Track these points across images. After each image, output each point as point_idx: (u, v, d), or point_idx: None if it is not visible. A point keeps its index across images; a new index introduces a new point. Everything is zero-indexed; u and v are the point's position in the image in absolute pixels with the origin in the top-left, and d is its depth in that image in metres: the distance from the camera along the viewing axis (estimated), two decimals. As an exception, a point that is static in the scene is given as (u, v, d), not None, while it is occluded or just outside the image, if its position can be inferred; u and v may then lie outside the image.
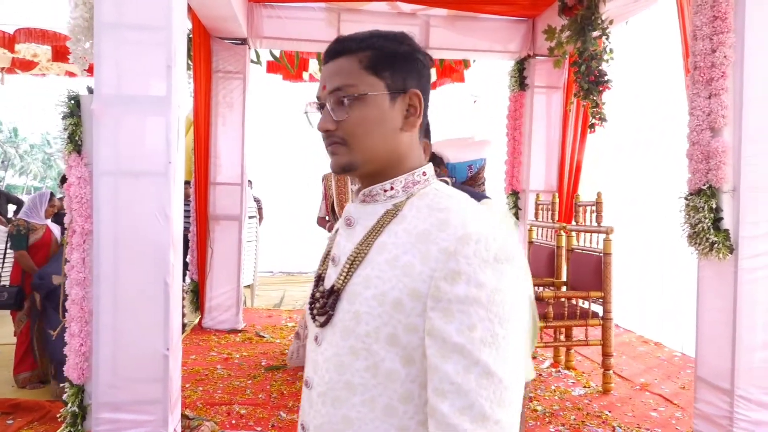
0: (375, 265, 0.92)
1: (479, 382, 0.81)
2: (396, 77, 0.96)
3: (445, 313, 0.84)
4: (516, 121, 6.25)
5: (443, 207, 0.93)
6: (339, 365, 0.92)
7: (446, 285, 0.84)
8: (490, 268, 0.85)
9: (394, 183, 0.98)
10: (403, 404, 0.89)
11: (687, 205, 3.32)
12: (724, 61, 3.15)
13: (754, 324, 3.16)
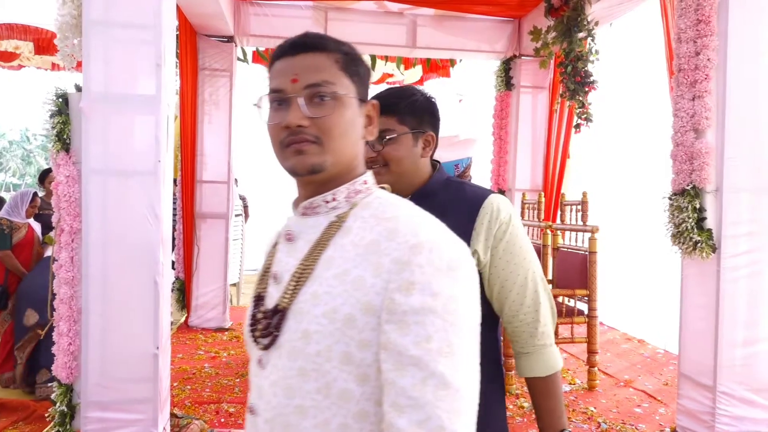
0: (323, 281, 0.88)
1: (437, 394, 0.79)
2: (360, 84, 0.96)
3: (400, 325, 0.80)
4: (502, 120, 6.30)
5: (390, 216, 0.90)
6: (287, 389, 0.88)
7: (401, 296, 0.81)
8: (445, 276, 0.83)
9: (336, 194, 0.94)
10: (358, 423, 0.85)
11: (671, 205, 3.38)
12: (707, 64, 3.21)
13: (735, 322, 3.23)
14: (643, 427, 3.59)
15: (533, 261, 1.42)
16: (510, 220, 1.40)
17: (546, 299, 1.42)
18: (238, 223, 7.31)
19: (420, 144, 1.44)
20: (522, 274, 1.39)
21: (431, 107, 1.47)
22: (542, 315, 1.41)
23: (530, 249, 1.43)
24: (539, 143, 6.16)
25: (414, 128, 1.42)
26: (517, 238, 1.40)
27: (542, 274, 1.44)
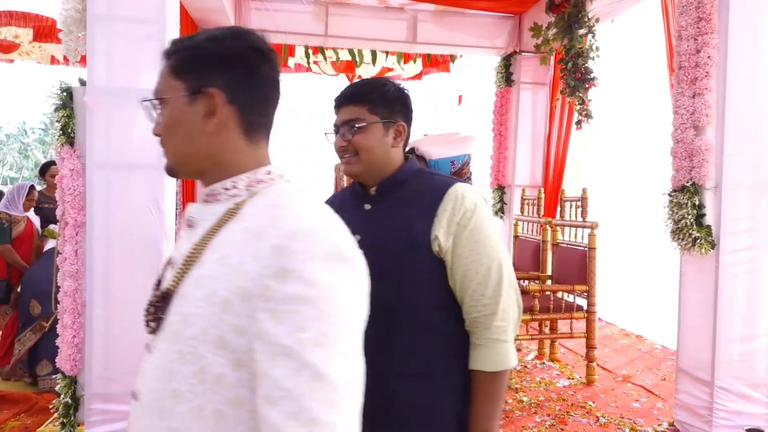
0: (208, 265, 0.87)
1: (311, 385, 0.77)
2: (193, 78, 0.93)
3: (274, 314, 0.78)
4: (502, 116, 6.32)
5: (281, 203, 0.89)
6: (166, 372, 0.86)
7: (275, 283, 0.79)
8: (322, 265, 0.80)
9: (235, 182, 0.94)
10: (233, 410, 0.83)
11: (670, 201, 3.41)
12: (708, 62, 3.23)
13: (733, 317, 3.26)
14: (641, 422, 3.62)
15: (499, 252, 1.40)
16: (476, 209, 1.38)
17: (509, 293, 1.39)
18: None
19: (391, 134, 1.46)
20: (486, 264, 1.37)
21: (403, 98, 1.48)
22: (501, 309, 1.38)
23: (497, 240, 1.41)
24: (539, 139, 6.18)
25: (385, 118, 1.44)
26: (482, 227, 1.38)
27: (510, 268, 1.42)
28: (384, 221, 1.43)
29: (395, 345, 1.39)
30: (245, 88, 0.95)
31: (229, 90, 0.93)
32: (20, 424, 3.57)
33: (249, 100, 0.95)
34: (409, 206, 1.41)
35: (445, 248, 1.37)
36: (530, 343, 5.10)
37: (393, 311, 1.38)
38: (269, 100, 0.98)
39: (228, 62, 0.94)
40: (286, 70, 7.30)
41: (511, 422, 3.59)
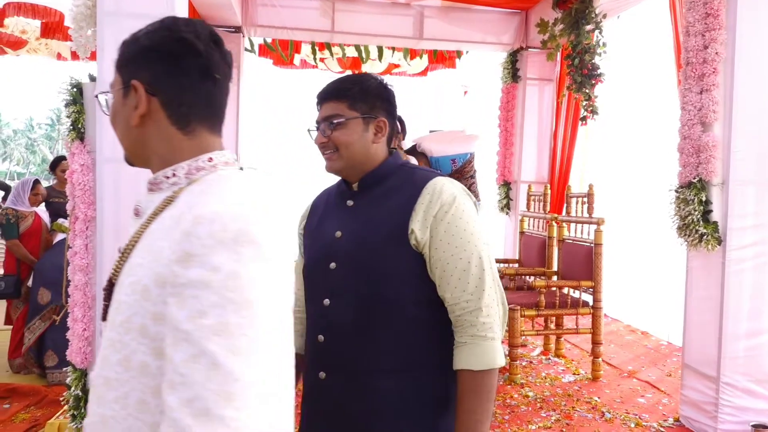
0: (139, 253, 0.88)
1: (207, 374, 0.74)
2: (125, 72, 0.95)
3: (178, 298, 0.78)
4: (508, 112, 6.32)
5: (207, 189, 0.89)
6: (102, 359, 0.87)
7: (180, 268, 0.78)
8: (227, 250, 0.78)
9: (176, 170, 0.95)
10: (155, 398, 0.82)
11: (677, 197, 3.41)
12: (715, 58, 3.23)
13: (739, 313, 3.27)
14: (646, 417, 3.64)
15: (480, 246, 1.35)
16: (454, 202, 1.35)
17: (492, 288, 1.35)
18: (244, 213, 7.35)
19: (371, 129, 1.43)
20: (465, 258, 1.33)
21: (385, 93, 1.46)
22: (485, 304, 1.32)
23: (478, 234, 1.36)
24: (545, 135, 6.18)
25: (365, 114, 1.42)
26: (460, 220, 1.34)
27: (493, 264, 1.38)
28: (364, 216, 1.42)
29: (375, 341, 1.37)
30: (169, 79, 0.94)
31: (152, 82, 0.94)
32: (30, 417, 3.62)
33: (174, 91, 0.94)
34: (389, 201, 1.40)
35: (422, 242, 1.34)
36: (536, 339, 5.11)
37: (373, 307, 1.37)
38: (200, 91, 0.96)
39: (151, 55, 0.94)
40: (291, 67, 7.32)
41: (516, 417, 3.61)
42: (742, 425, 3.24)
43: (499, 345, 1.34)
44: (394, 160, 1.48)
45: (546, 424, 3.51)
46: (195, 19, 1.00)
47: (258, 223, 0.82)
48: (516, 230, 5.70)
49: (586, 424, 3.53)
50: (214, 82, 0.97)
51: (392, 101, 1.48)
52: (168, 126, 0.95)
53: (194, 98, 0.96)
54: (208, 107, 0.98)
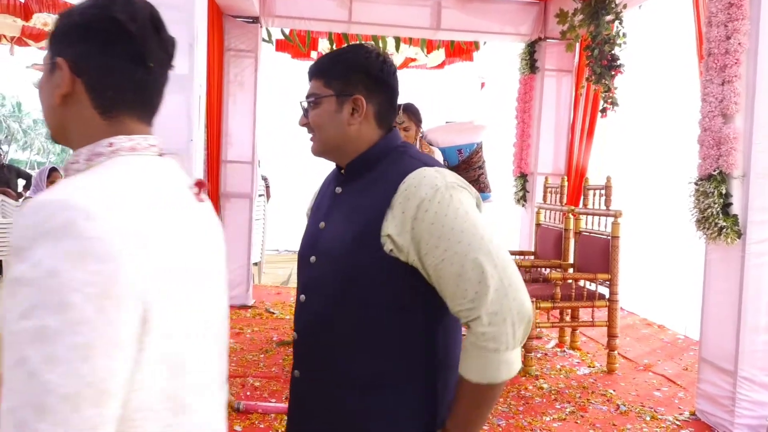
0: None
1: (25, 383, 0.68)
2: (54, 48, 0.90)
3: (9, 296, 0.71)
4: (525, 104, 6.28)
5: (84, 176, 0.82)
6: None
7: (13, 262, 0.71)
8: (48, 243, 0.70)
9: (78, 155, 0.89)
10: None
11: (697, 190, 3.38)
12: (738, 48, 3.18)
13: (759, 307, 3.23)
14: (662, 410, 3.62)
15: (475, 244, 1.14)
16: (435, 195, 1.15)
17: (500, 292, 1.13)
18: (260, 203, 7.40)
19: (346, 109, 1.28)
20: (457, 261, 1.13)
21: (367, 68, 1.29)
22: (487, 312, 1.12)
23: (473, 229, 1.15)
24: (563, 127, 6.14)
25: (340, 92, 1.27)
26: (446, 217, 1.14)
27: (502, 262, 1.15)
28: (347, 207, 1.28)
29: (344, 349, 1.23)
30: (95, 61, 0.88)
31: (78, 61, 0.88)
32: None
33: (99, 73, 0.88)
34: (372, 191, 1.24)
35: (406, 250, 1.16)
36: (551, 331, 5.10)
37: (343, 310, 1.23)
38: (130, 76, 0.89)
39: (80, 32, 0.88)
40: (309, 60, 7.33)
41: (530, 409, 3.61)
42: (759, 420, 3.21)
43: (508, 356, 1.14)
44: (388, 143, 1.31)
45: (560, 416, 3.51)
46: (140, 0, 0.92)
47: (96, 217, 0.72)
48: (532, 222, 5.68)
49: (600, 416, 3.53)
50: (148, 69, 0.90)
51: (377, 76, 1.29)
52: (89, 108, 0.89)
53: (122, 83, 0.89)
54: (138, 94, 0.91)
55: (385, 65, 1.30)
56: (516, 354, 1.17)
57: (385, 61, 1.31)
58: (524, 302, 1.15)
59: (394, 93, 1.34)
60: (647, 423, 3.45)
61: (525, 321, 1.15)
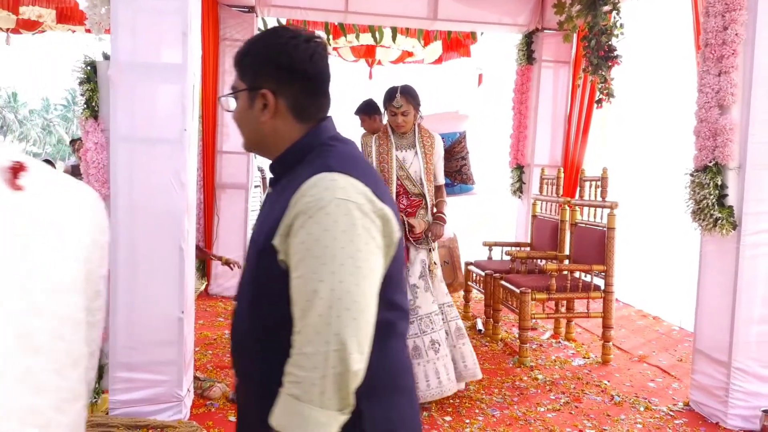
0: None
1: None
2: None
3: None
4: (522, 95, 6.26)
5: None
6: None
7: None
8: None
9: None
10: None
11: (692, 181, 3.37)
12: (735, 39, 3.17)
13: (753, 299, 3.24)
14: (656, 401, 3.64)
15: (339, 274, 1.00)
16: (321, 209, 1.03)
17: (320, 334, 0.99)
18: (256, 194, 7.38)
19: (258, 104, 1.17)
20: (311, 286, 1.01)
21: (277, 57, 1.16)
22: (300, 351, 1.00)
23: (344, 257, 1.01)
24: (559, 118, 6.13)
25: (251, 86, 1.17)
26: (309, 236, 1.02)
27: (342, 305, 1.00)
28: (267, 210, 1.20)
29: (251, 363, 1.17)
30: None
31: None
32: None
33: None
34: (286, 195, 1.12)
35: (287, 258, 1.07)
36: (546, 323, 5.11)
37: (253, 319, 1.16)
38: None
39: None
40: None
41: (525, 399, 3.62)
42: (753, 410, 3.23)
43: (315, 415, 0.98)
44: (312, 138, 1.19)
45: (555, 406, 3.52)
46: None
47: None
48: (528, 214, 5.68)
49: (595, 407, 3.54)
50: None
51: (289, 65, 1.16)
52: None
53: None
54: None
55: (297, 51, 1.15)
56: (325, 417, 0.99)
57: (297, 47, 1.16)
58: (349, 361, 0.99)
59: (315, 81, 1.19)
60: (641, 413, 3.46)
61: (341, 384, 0.99)
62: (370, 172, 1.17)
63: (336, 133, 1.23)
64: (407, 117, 3.56)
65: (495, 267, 4.99)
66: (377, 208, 1.08)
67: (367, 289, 1.04)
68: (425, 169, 3.60)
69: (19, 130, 50.94)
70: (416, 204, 3.63)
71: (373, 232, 1.07)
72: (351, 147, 1.23)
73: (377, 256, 1.07)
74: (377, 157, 3.64)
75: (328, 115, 1.24)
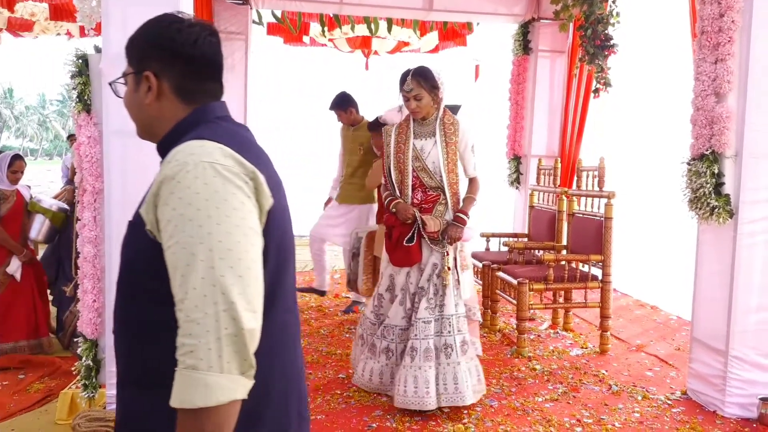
0: None
1: None
2: None
3: None
4: (519, 85, 6.24)
5: None
6: None
7: None
8: None
9: None
10: None
11: (689, 170, 3.36)
12: (731, 26, 3.15)
13: (750, 287, 3.24)
14: (653, 390, 3.64)
15: (197, 237, 0.98)
16: (177, 174, 1.00)
17: (207, 297, 0.96)
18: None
19: (143, 87, 1.17)
20: (189, 250, 0.98)
21: (159, 39, 1.17)
22: (188, 318, 0.96)
23: (200, 219, 0.98)
24: (556, 109, 6.10)
25: (136, 69, 1.19)
26: (179, 200, 0.99)
27: (224, 264, 0.97)
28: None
29: (121, 344, 1.16)
30: None
31: None
32: (44, 387, 3.68)
33: None
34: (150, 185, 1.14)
35: (154, 228, 1.05)
36: (544, 313, 5.11)
37: (120, 301, 1.15)
38: None
39: None
40: (301, 44, 7.25)
41: (523, 389, 3.62)
42: (750, 398, 3.23)
43: (213, 380, 0.94)
44: (194, 118, 1.18)
45: (553, 396, 3.52)
46: None
47: None
48: (526, 204, 5.66)
49: (592, 396, 3.54)
50: None
51: (170, 46, 1.16)
52: None
53: None
54: None
55: (180, 35, 1.16)
56: (227, 380, 0.96)
57: (180, 31, 1.17)
58: (242, 320, 0.97)
59: (198, 64, 1.19)
60: (639, 402, 3.47)
61: (238, 345, 0.96)
62: (249, 147, 1.14)
63: (225, 114, 1.22)
64: (421, 101, 3.27)
65: (492, 258, 4.98)
66: (248, 170, 1.06)
67: (250, 246, 1.02)
68: (445, 160, 3.31)
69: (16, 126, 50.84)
70: (433, 199, 3.34)
71: (248, 192, 1.05)
72: (237, 127, 1.21)
73: (254, 216, 1.05)
74: (395, 147, 3.39)
75: (221, 100, 1.24)
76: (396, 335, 3.33)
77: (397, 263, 3.34)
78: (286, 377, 1.20)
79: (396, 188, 3.39)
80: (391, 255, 3.36)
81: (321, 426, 3.09)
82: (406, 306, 3.33)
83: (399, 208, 3.32)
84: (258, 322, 1.01)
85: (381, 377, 3.39)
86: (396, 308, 3.34)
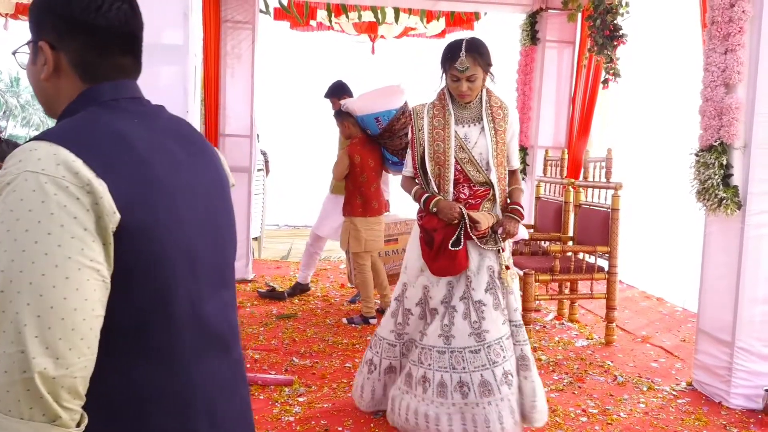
0: None
1: None
2: None
3: None
4: (526, 76, 6.22)
5: None
6: None
7: None
8: None
9: None
10: None
11: (697, 161, 3.36)
12: (742, 16, 3.13)
13: (757, 279, 3.23)
14: (659, 381, 3.65)
15: (20, 261, 0.83)
16: (2, 183, 0.87)
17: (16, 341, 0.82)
18: (259, 177, 7.38)
19: (40, 60, 1.02)
20: None
21: (58, 7, 1.00)
22: None
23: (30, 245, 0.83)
24: (563, 99, 6.08)
25: (34, 37, 1.03)
26: (6, 217, 0.85)
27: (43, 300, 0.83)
28: None
29: None
30: None
31: None
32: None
33: None
34: None
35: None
36: (550, 304, 5.12)
37: None
38: None
39: None
40: (308, 29, 7.23)
41: (529, 379, 3.63)
42: (756, 389, 3.24)
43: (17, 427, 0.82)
44: (83, 99, 1.02)
45: (558, 386, 3.54)
46: None
47: None
48: (532, 195, 5.65)
49: (598, 387, 3.55)
50: None
51: (69, 15, 1.00)
52: None
53: None
54: None
55: (82, 1, 1.00)
56: (30, 428, 0.82)
57: None
58: (32, 366, 0.81)
59: (104, 35, 1.02)
60: (644, 393, 3.48)
61: (36, 391, 0.82)
62: (116, 147, 0.94)
63: (124, 96, 1.04)
64: (474, 83, 2.73)
65: (498, 249, 4.98)
66: (83, 181, 0.87)
67: (59, 280, 0.84)
68: (495, 150, 2.78)
69: (21, 115, 50.95)
70: (481, 195, 2.81)
71: (75, 212, 0.86)
72: (127, 115, 1.02)
73: (80, 241, 0.86)
74: (430, 135, 2.80)
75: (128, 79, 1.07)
76: (434, 360, 2.73)
77: (439, 273, 2.76)
78: None
79: (433, 183, 2.83)
80: (432, 264, 2.78)
81: (327, 415, 3.12)
82: (443, 322, 2.76)
83: (441, 206, 2.75)
84: (65, 369, 0.83)
85: (427, 419, 2.70)
86: (435, 326, 2.78)
